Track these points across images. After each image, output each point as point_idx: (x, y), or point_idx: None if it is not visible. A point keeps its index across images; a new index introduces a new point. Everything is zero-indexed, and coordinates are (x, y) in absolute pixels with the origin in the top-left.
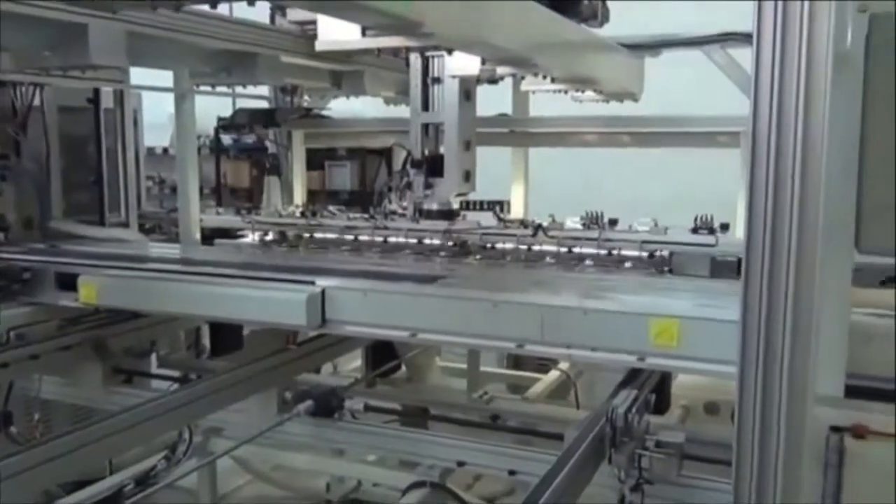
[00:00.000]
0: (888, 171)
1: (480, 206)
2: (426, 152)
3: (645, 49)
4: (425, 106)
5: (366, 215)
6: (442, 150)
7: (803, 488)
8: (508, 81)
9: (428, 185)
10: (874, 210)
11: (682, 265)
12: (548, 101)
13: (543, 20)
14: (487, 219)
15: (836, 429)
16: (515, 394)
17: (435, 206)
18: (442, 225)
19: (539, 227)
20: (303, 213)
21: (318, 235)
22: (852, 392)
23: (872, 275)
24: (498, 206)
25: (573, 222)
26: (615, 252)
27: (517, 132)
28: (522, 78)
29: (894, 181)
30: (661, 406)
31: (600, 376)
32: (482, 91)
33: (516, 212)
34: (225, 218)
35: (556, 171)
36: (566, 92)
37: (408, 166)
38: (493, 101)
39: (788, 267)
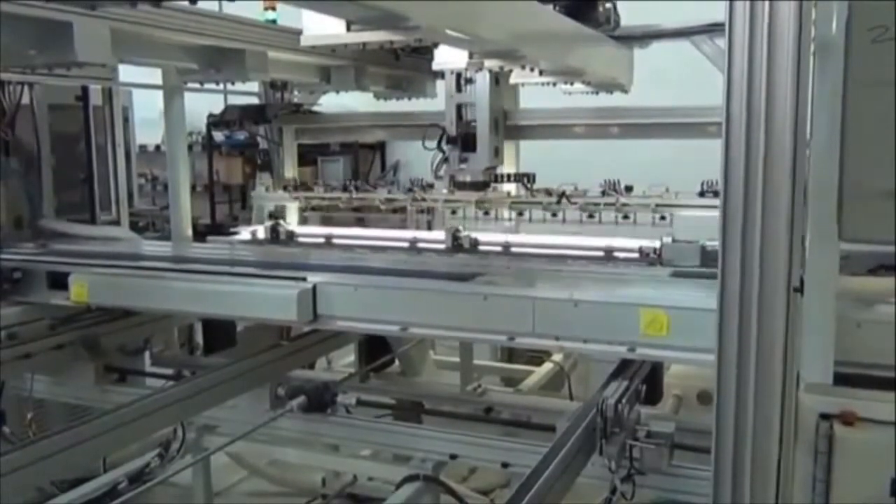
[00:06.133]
0: (868, 158)
1: (508, 178)
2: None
3: (633, 40)
4: (458, 88)
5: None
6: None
7: (795, 475)
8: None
9: (462, 160)
10: (855, 197)
11: (673, 256)
12: (540, 94)
13: (530, 12)
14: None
15: (825, 416)
16: (509, 387)
17: (469, 178)
18: (475, 195)
19: (563, 194)
20: (345, 188)
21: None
22: (841, 379)
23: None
24: (525, 178)
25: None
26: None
27: (507, 125)
28: (510, 71)
29: (875, 168)
30: (654, 396)
31: (594, 367)
32: None
33: None
34: (276, 195)
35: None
36: (554, 84)
37: (443, 143)
38: None
39: (754, 254)
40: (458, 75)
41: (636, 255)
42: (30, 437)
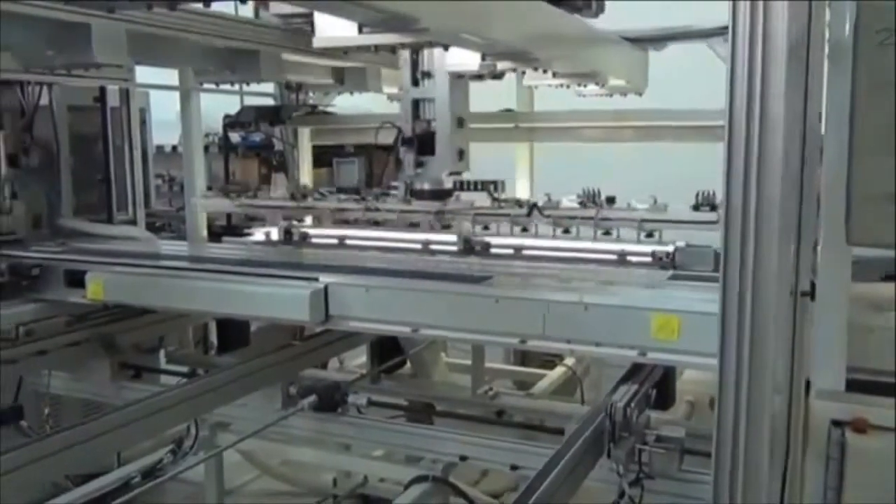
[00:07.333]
0: (876, 161)
1: (475, 186)
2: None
3: (648, 42)
4: (415, 82)
5: (356, 196)
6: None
7: (805, 481)
8: (513, 76)
9: (419, 164)
10: (863, 201)
11: (686, 261)
12: (555, 95)
13: (542, 15)
14: (482, 199)
15: (836, 423)
16: (521, 390)
17: (427, 186)
18: (434, 205)
19: (534, 205)
20: (293, 196)
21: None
22: (854, 386)
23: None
24: (492, 186)
25: (569, 201)
26: (612, 231)
27: (521, 127)
28: (524, 73)
29: (883, 171)
30: (666, 401)
31: (607, 372)
32: (486, 86)
33: None
34: (217, 202)
35: (562, 162)
36: (568, 86)
37: (398, 144)
38: (497, 96)
39: (754, 259)
40: (415, 65)
41: (649, 259)
42: (46, 432)
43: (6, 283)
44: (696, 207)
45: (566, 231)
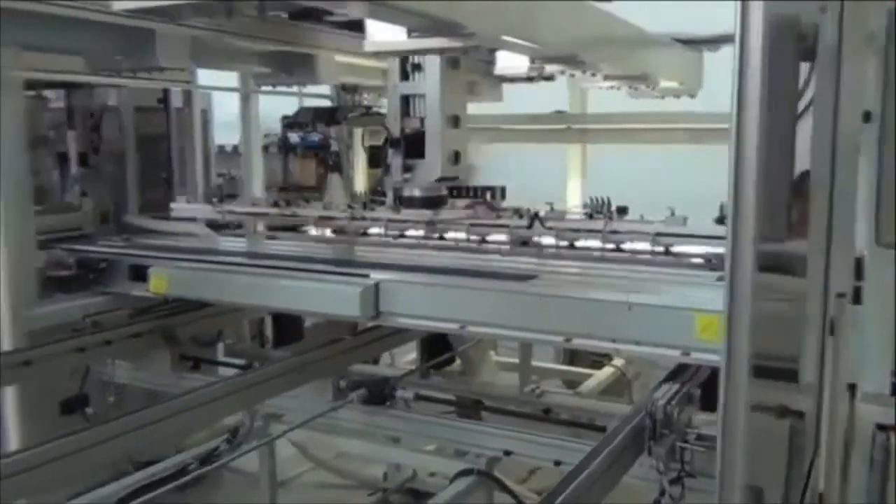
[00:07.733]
0: None
1: (475, 193)
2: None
3: (703, 44)
4: (405, 75)
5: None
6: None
7: (850, 482)
8: (564, 78)
9: (407, 168)
10: (891, 201)
11: None
12: (609, 97)
13: (590, 18)
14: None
15: (881, 427)
16: (570, 389)
17: (417, 193)
18: (426, 215)
19: (535, 216)
20: (275, 203)
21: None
22: None
23: None
24: (489, 193)
25: (576, 210)
26: (623, 245)
27: (573, 129)
28: (572, 75)
29: None
30: (714, 403)
31: (657, 374)
32: (538, 87)
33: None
34: (195, 207)
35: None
36: (619, 88)
37: (387, 146)
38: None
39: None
40: (404, 57)
41: (700, 260)
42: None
43: (75, 276)
44: (721, 220)
45: (571, 245)
